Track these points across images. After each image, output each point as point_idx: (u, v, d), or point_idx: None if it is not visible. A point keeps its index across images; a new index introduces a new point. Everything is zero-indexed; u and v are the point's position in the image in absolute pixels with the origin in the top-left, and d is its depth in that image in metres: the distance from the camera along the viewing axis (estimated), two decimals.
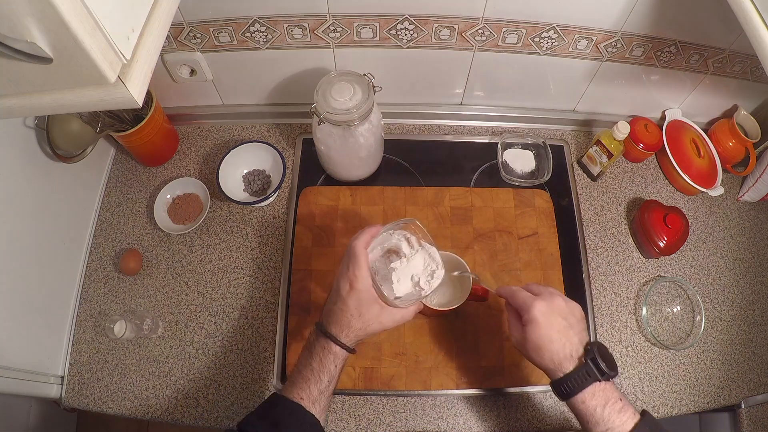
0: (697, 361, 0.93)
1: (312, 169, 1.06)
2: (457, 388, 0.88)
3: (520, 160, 1.08)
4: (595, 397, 0.62)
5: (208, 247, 1.00)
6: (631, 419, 0.61)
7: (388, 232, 0.72)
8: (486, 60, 0.97)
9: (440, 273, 0.70)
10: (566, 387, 0.63)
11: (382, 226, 0.70)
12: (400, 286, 0.69)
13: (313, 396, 0.64)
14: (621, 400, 0.62)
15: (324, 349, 0.65)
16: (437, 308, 0.82)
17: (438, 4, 0.85)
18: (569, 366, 0.63)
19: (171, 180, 1.03)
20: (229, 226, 1.02)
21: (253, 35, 0.91)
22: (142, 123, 0.95)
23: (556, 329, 0.64)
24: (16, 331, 0.81)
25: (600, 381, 0.62)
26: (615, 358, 0.65)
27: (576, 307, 0.68)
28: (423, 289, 0.69)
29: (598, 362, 0.62)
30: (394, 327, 0.69)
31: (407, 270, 0.70)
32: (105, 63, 0.42)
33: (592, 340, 0.66)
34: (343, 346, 0.65)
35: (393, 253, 0.72)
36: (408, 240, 0.72)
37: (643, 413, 0.62)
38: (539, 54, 0.95)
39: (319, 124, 0.87)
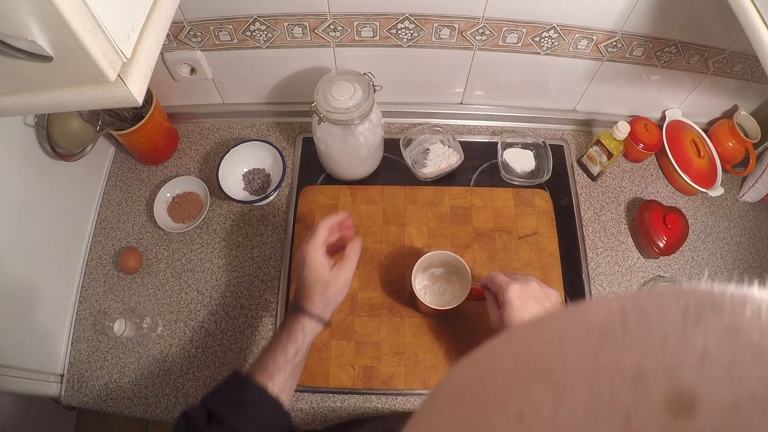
0: None
1: (312, 168, 1.06)
2: None
3: (519, 160, 1.08)
4: None
5: (208, 246, 1.00)
6: None
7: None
8: (486, 59, 0.97)
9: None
10: None
11: (344, 215, 0.77)
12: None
13: (278, 364, 0.65)
14: None
15: (294, 320, 0.69)
16: (437, 308, 0.82)
17: (438, 4, 0.85)
18: None
19: (171, 179, 1.03)
20: (228, 224, 1.02)
21: (254, 34, 0.91)
22: (142, 121, 0.95)
23: (529, 311, 0.66)
24: (16, 330, 0.81)
25: None
26: None
27: (552, 293, 0.69)
28: None
29: None
30: (348, 284, 0.72)
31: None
32: (105, 61, 0.42)
33: None
34: (310, 314, 0.69)
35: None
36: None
37: None
38: (539, 54, 0.95)
39: (319, 123, 0.87)
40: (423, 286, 0.89)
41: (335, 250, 0.76)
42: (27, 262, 0.84)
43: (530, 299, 0.67)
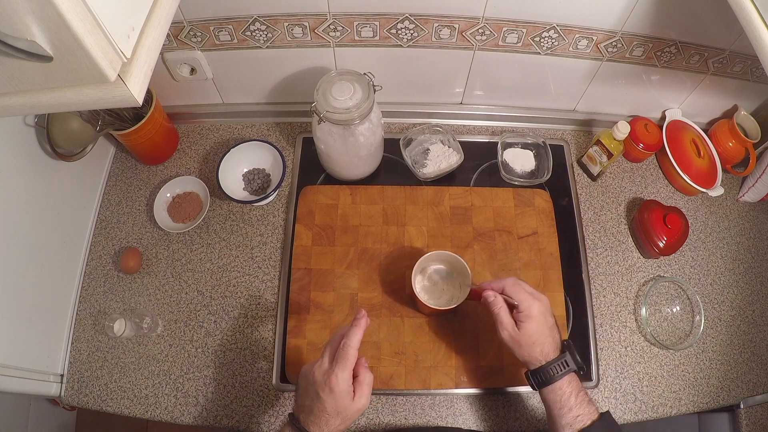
0: (697, 362, 0.94)
1: (312, 168, 1.06)
2: (456, 388, 0.88)
3: (520, 160, 1.08)
4: (571, 384, 0.70)
5: (208, 246, 1.00)
6: (596, 412, 0.69)
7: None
8: (486, 59, 0.97)
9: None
10: (547, 374, 0.69)
11: (364, 318, 0.67)
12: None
13: None
14: (587, 393, 0.71)
15: None
16: (437, 308, 0.82)
17: (439, 4, 0.85)
18: (552, 356, 0.71)
19: (171, 178, 1.03)
20: (228, 224, 1.02)
21: (254, 34, 0.91)
22: (142, 121, 0.95)
23: (547, 326, 0.73)
24: (16, 330, 0.81)
25: (575, 371, 0.71)
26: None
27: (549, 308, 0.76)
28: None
29: (575, 354, 0.71)
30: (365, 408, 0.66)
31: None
32: (105, 61, 0.42)
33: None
34: None
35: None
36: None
37: (605, 412, 0.69)
38: (539, 54, 0.95)
39: (319, 123, 0.87)
40: (423, 286, 0.89)
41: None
42: (27, 262, 0.84)
43: (547, 314, 0.73)
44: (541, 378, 0.70)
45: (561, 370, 0.70)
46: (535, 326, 0.71)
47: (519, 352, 0.72)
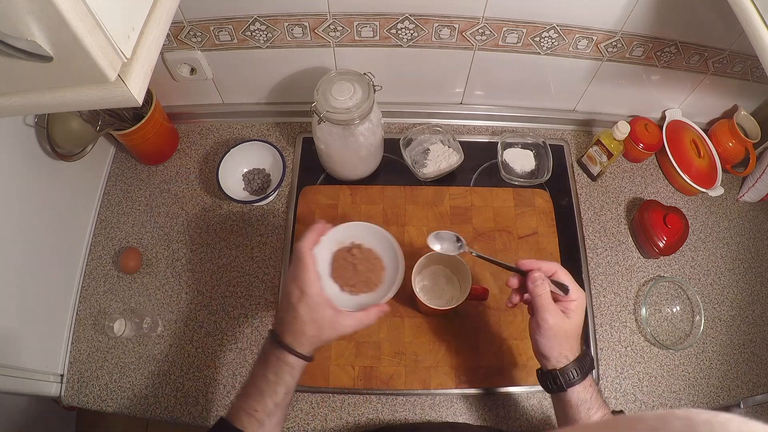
0: (696, 362, 0.94)
1: (312, 168, 1.06)
2: (456, 388, 0.88)
3: (520, 160, 1.08)
4: (593, 383, 0.65)
5: (208, 246, 1.00)
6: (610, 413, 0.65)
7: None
8: (486, 59, 0.97)
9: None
10: (576, 371, 0.63)
11: (327, 224, 0.69)
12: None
13: (268, 409, 0.61)
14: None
15: (279, 359, 0.63)
16: (437, 308, 0.82)
17: (439, 4, 0.85)
18: (577, 354, 0.65)
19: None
20: (228, 224, 1.02)
21: (254, 34, 0.91)
22: (142, 121, 0.95)
23: (582, 320, 0.67)
24: (16, 330, 0.81)
25: (592, 371, 0.67)
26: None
27: None
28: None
29: (592, 354, 0.68)
30: (352, 333, 0.65)
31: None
32: (105, 61, 0.42)
33: None
34: (299, 355, 0.63)
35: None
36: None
37: (620, 411, 0.68)
38: (539, 54, 0.95)
39: (319, 123, 0.87)
40: (423, 286, 0.89)
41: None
42: (27, 262, 0.84)
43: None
44: (574, 374, 0.63)
45: (587, 369, 0.65)
46: (581, 317, 0.66)
47: (557, 343, 0.64)
